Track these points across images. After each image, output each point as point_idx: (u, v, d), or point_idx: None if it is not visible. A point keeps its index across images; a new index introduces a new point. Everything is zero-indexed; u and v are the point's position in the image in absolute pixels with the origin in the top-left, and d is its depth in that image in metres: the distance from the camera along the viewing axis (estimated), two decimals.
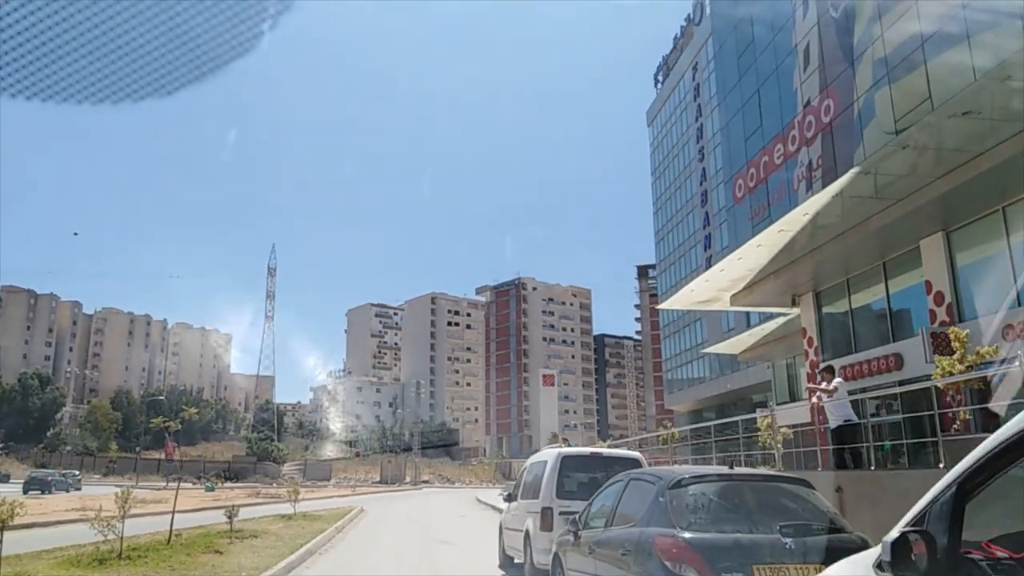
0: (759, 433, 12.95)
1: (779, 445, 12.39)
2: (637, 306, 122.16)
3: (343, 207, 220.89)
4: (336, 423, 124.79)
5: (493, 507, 32.05)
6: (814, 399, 10.50)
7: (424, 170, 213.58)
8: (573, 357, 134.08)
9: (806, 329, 22.04)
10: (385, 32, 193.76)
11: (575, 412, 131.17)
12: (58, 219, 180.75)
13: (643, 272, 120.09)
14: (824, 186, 18.71)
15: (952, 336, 12.41)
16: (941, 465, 10.83)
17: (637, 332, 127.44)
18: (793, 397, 32.22)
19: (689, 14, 62.79)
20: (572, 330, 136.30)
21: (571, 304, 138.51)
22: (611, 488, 6.35)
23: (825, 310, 21.33)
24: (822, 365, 11.49)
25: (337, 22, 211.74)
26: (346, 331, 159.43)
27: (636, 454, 9.89)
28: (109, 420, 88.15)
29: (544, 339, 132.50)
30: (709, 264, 54.70)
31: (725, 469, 5.78)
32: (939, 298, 16.34)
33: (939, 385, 14.03)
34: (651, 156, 69.44)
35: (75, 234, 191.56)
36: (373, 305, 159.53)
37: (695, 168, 57.62)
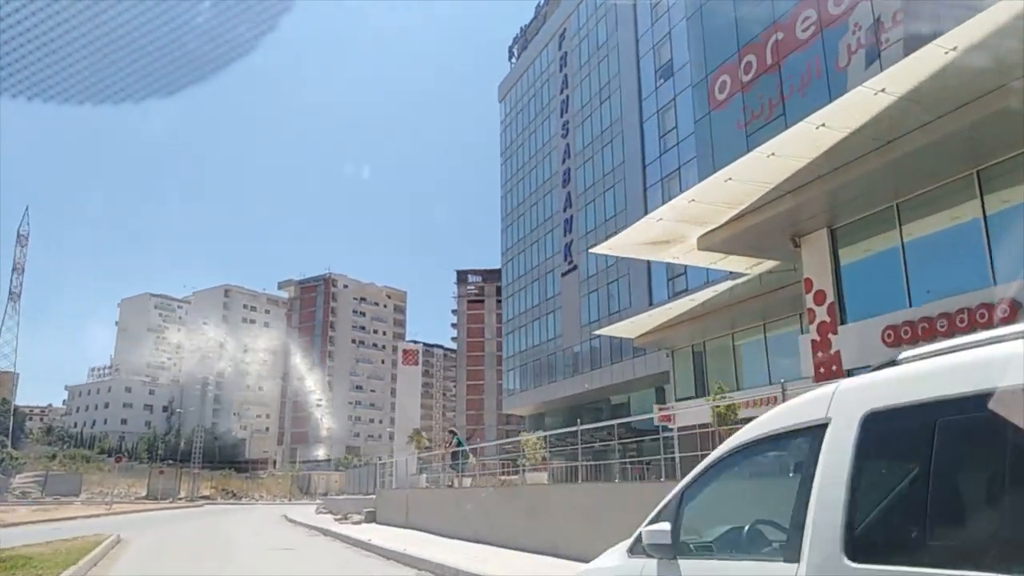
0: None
1: None
2: (454, 311, 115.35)
3: (125, 184, 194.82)
4: (96, 428, 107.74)
5: (322, 530, 23.22)
6: None
7: (241, 159, 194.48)
8: (383, 362, 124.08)
9: (812, 281, 15.98)
10: None
11: (380, 421, 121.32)
12: None
13: (463, 277, 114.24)
14: (909, 50, 12.69)
15: None
16: None
17: (453, 338, 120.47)
18: (701, 391, 26.62)
19: None
20: (384, 333, 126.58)
21: (385, 306, 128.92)
22: None
23: (849, 251, 15.38)
24: None
25: None
26: (117, 323, 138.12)
27: None
28: None
29: (353, 341, 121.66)
30: (568, 251, 48.86)
31: None
32: None
33: None
34: (502, 135, 62.78)
35: None
36: (153, 295, 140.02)
37: (556, 145, 51.72)
